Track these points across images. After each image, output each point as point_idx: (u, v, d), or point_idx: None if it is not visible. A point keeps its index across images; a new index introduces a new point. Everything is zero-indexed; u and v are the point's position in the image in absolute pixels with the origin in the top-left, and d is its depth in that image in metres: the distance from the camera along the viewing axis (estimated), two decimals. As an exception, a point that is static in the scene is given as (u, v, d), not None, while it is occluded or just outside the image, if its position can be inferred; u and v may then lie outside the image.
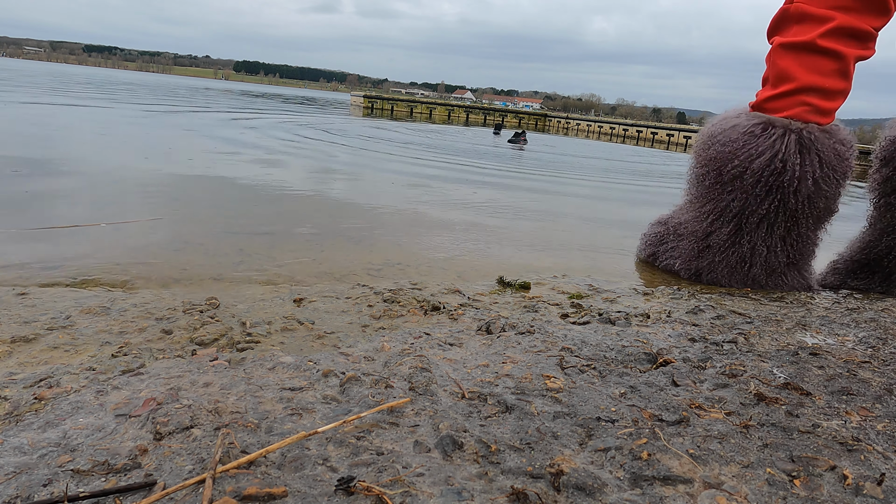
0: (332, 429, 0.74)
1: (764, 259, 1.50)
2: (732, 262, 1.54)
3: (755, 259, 1.51)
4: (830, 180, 1.46)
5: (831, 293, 1.71)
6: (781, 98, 1.50)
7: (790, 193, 1.45)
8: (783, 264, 1.51)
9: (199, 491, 0.62)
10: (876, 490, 0.68)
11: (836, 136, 1.48)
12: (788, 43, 1.49)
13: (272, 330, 1.13)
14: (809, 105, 1.47)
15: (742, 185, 1.50)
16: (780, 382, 0.98)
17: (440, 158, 5.19)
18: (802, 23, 1.47)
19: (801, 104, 1.47)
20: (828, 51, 1.44)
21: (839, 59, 1.45)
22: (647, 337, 1.19)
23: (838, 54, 1.45)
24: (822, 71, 1.46)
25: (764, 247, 1.50)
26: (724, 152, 1.50)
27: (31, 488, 0.61)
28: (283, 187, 2.81)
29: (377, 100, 20.16)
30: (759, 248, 1.50)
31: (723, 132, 1.53)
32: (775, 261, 1.50)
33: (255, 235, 1.87)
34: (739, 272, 1.53)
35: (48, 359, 0.95)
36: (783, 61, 1.49)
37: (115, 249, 1.59)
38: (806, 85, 1.46)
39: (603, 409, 0.85)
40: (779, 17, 1.54)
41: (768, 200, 1.48)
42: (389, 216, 2.39)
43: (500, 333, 1.17)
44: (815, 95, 1.47)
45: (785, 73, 1.49)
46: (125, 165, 3.07)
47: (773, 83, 1.53)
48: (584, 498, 0.64)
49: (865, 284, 1.57)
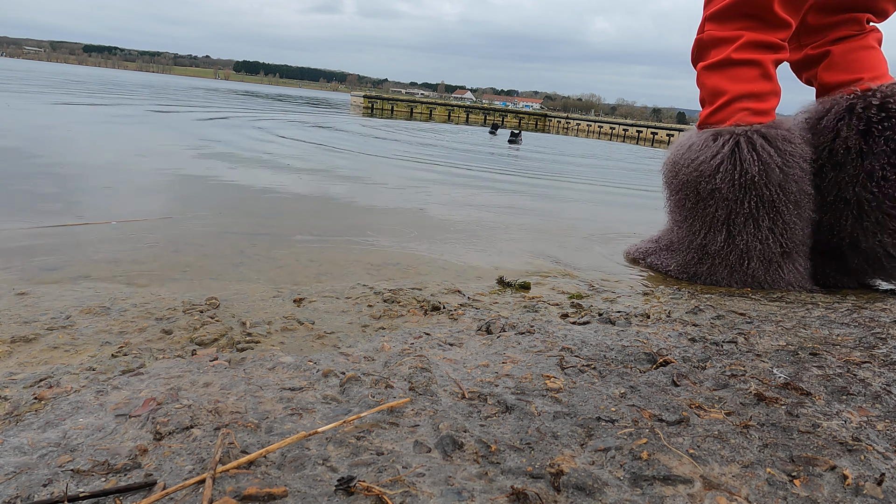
0: (332, 429, 0.74)
1: (759, 253, 1.58)
2: (732, 263, 1.61)
3: (751, 255, 1.59)
4: (791, 165, 1.57)
5: (829, 294, 1.71)
6: (720, 111, 1.66)
7: (762, 186, 1.56)
8: (778, 255, 1.59)
9: (199, 491, 0.62)
10: (876, 490, 0.68)
11: (780, 128, 1.61)
12: (710, 64, 1.67)
13: (272, 330, 1.13)
14: (746, 109, 1.63)
15: (720, 195, 1.60)
16: (780, 382, 0.98)
17: (440, 158, 5.20)
18: (718, 46, 1.66)
19: (739, 111, 1.63)
20: (744, 61, 1.62)
21: (757, 65, 1.62)
22: (647, 337, 1.19)
23: (755, 62, 1.62)
24: (745, 79, 1.63)
25: (757, 241, 1.58)
26: (692, 174, 1.64)
27: (31, 488, 0.61)
28: (287, 189, 2.82)
29: (377, 100, 20.17)
30: (753, 244, 1.58)
31: (683, 156, 1.68)
32: (770, 252, 1.58)
33: (255, 236, 1.87)
34: (739, 271, 1.61)
35: (48, 359, 0.95)
36: (710, 80, 1.67)
37: (116, 249, 1.59)
38: (737, 94, 1.63)
39: (603, 409, 0.85)
40: (696, 47, 1.74)
41: (746, 199, 1.56)
42: (389, 216, 2.39)
43: (500, 333, 1.17)
44: (747, 100, 1.63)
45: (716, 89, 1.67)
46: (138, 167, 3.08)
47: (709, 101, 1.70)
48: (584, 498, 0.64)
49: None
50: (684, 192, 1.67)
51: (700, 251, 1.66)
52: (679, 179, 1.68)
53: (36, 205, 2.00)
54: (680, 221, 1.72)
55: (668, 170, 1.74)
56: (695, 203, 1.65)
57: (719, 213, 1.60)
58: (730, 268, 1.61)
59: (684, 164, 1.66)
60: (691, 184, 1.64)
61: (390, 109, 19.82)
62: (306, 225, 2.09)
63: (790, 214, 1.58)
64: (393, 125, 10.93)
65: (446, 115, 20.45)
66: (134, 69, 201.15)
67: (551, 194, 3.71)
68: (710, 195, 1.61)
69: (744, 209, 1.57)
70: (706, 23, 1.68)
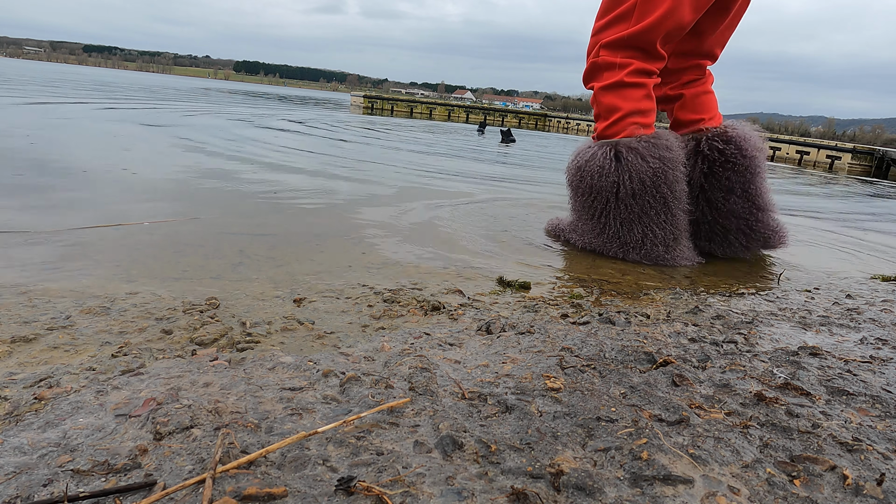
0: (332, 429, 0.74)
1: (652, 238, 1.97)
2: (630, 244, 1.99)
3: (646, 240, 1.97)
4: (672, 168, 1.96)
5: (827, 294, 1.71)
6: (615, 125, 2.01)
7: (659, 185, 1.93)
8: (671, 238, 1.99)
9: (199, 491, 0.62)
10: (876, 490, 0.68)
11: (662, 139, 1.98)
12: (605, 85, 2.03)
13: (272, 330, 1.13)
14: (636, 123, 2.00)
15: (612, 194, 1.97)
16: (780, 382, 0.98)
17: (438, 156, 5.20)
18: (611, 70, 2.02)
19: (630, 124, 1.99)
20: (634, 83, 2.00)
21: (643, 87, 2.01)
22: (647, 337, 1.19)
23: (642, 84, 2.01)
24: (635, 98, 2.00)
25: (652, 229, 1.97)
26: (592, 178, 2.01)
27: (31, 488, 0.61)
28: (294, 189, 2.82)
29: (377, 100, 20.16)
30: (648, 232, 1.97)
31: (581, 165, 2.05)
32: (664, 236, 1.98)
33: (255, 236, 1.87)
34: (638, 250, 1.99)
35: (48, 359, 0.95)
36: (606, 99, 2.03)
37: (116, 250, 1.59)
38: (629, 111, 1.99)
39: (603, 409, 0.85)
40: (590, 68, 2.09)
41: (646, 195, 1.93)
42: (388, 216, 2.39)
43: (500, 333, 1.17)
44: (637, 116, 2.00)
45: (611, 107, 2.02)
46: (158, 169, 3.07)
47: (604, 117, 2.05)
48: (584, 498, 0.64)
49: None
50: (590, 193, 2.02)
51: (598, 235, 2.05)
52: (585, 183, 2.03)
53: (66, 204, 2.00)
54: (580, 211, 2.10)
55: (573, 174, 2.09)
56: (595, 201, 2.02)
57: (616, 207, 1.98)
58: (627, 248, 2.00)
59: (586, 168, 2.01)
60: (594, 187, 2.00)
61: (390, 109, 19.81)
62: (306, 225, 2.09)
63: (676, 207, 1.98)
64: (394, 122, 10.94)
65: (446, 114, 20.45)
66: (134, 69, 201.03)
67: (549, 190, 3.72)
68: (606, 194, 1.98)
69: (633, 205, 1.95)
70: (601, 49, 2.04)
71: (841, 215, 3.94)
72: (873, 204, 5.16)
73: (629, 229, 1.97)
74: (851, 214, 4.08)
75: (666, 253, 1.98)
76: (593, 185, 2.00)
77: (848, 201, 5.14)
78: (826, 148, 13.07)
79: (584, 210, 2.07)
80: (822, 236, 2.92)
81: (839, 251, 2.56)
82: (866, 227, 3.44)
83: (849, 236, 3.02)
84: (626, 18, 1.97)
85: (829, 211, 4.13)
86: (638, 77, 2.00)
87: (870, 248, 2.72)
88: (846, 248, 2.67)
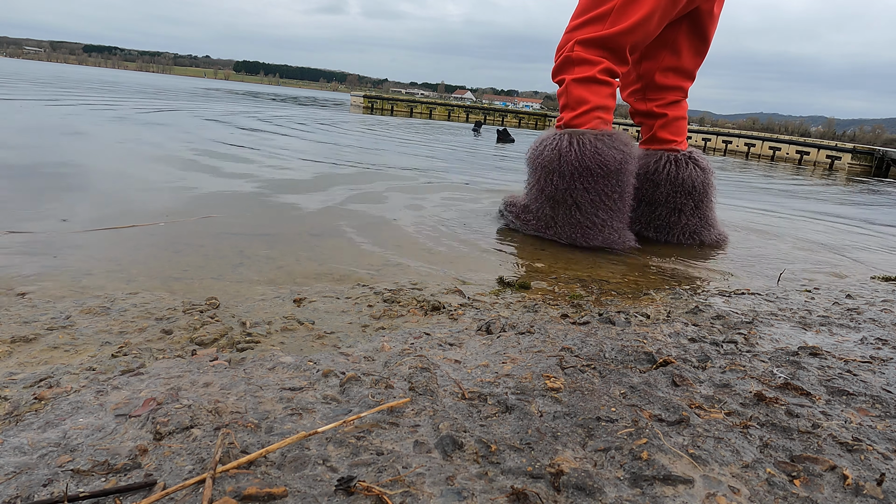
0: (332, 429, 0.74)
1: (610, 224, 2.12)
2: (574, 224, 2.12)
3: (605, 225, 2.12)
4: (629, 162, 2.11)
5: (827, 294, 1.71)
6: (582, 116, 2.13)
7: (620, 173, 2.09)
8: (605, 221, 2.12)
9: (199, 491, 0.62)
10: (876, 490, 0.68)
11: (623, 135, 2.14)
12: (578, 78, 2.14)
13: (272, 330, 1.13)
14: (600, 118, 2.14)
15: (576, 180, 2.09)
16: (780, 382, 0.98)
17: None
18: (583, 65, 2.14)
19: (595, 118, 2.13)
20: (603, 81, 2.14)
21: (610, 86, 2.17)
22: (646, 337, 1.19)
23: (609, 83, 2.16)
24: (603, 95, 2.14)
25: (609, 214, 2.12)
26: (547, 164, 2.12)
27: (31, 488, 0.61)
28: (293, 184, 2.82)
29: (377, 100, 20.15)
30: (607, 217, 2.12)
31: (540, 151, 2.16)
32: (599, 219, 2.12)
33: (255, 236, 1.87)
34: (579, 231, 2.12)
35: (48, 359, 0.95)
36: (577, 91, 2.15)
37: (116, 250, 1.59)
38: (596, 105, 2.13)
39: (603, 409, 0.85)
40: (562, 61, 2.20)
41: (608, 183, 2.07)
42: (387, 217, 2.39)
43: (500, 333, 1.17)
44: (601, 111, 2.15)
45: (581, 99, 2.14)
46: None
47: (572, 107, 2.16)
48: (584, 498, 0.64)
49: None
50: (548, 176, 2.13)
51: (553, 219, 2.17)
52: (542, 168, 2.14)
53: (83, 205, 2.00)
54: (537, 193, 2.20)
55: (533, 159, 2.19)
56: (549, 181, 2.13)
57: (568, 191, 2.11)
58: (571, 228, 2.12)
59: (545, 154, 2.12)
60: (548, 169, 2.11)
61: (390, 109, 19.80)
62: (305, 225, 2.09)
63: (628, 196, 2.15)
64: (394, 121, 10.93)
65: (446, 114, 20.44)
66: (134, 69, 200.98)
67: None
68: (560, 176, 2.10)
69: (604, 190, 2.08)
70: (576, 45, 2.16)
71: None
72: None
73: (591, 214, 2.10)
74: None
75: (619, 238, 2.14)
76: (560, 170, 2.09)
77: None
78: (826, 148, 13.07)
79: (543, 194, 2.18)
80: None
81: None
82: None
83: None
84: (602, 20, 2.12)
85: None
86: (607, 76, 2.14)
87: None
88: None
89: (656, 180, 2.43)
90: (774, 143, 14.40)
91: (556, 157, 2.10)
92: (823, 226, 3.30)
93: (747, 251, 2.35)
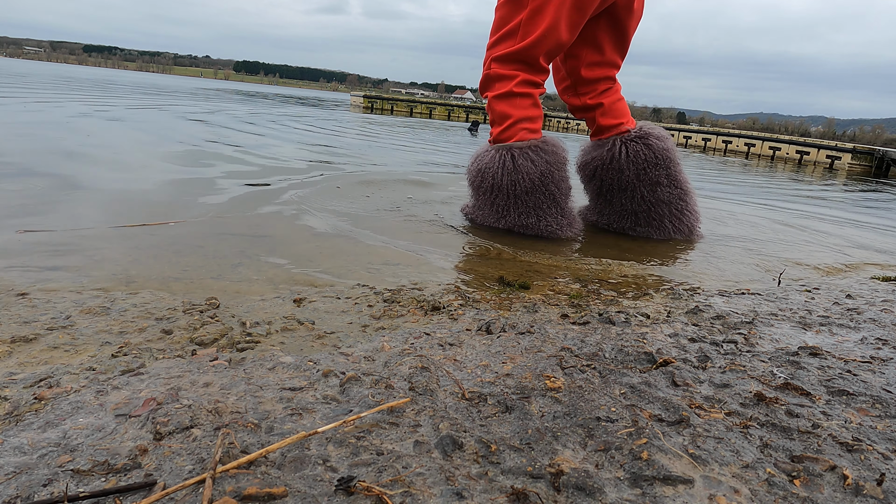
0: (333, 429, 0.74)
1: (546, 222, 2.26)
2: (527, 227, 2.26)
3: (540, 223, 2.25)
4: (559, 167, 2.25)
5: (827, 294, 1.71)
6: (507, 130, 2.25)
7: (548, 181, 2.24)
8: (563, 220, 2.29)
9: (199, 491, 0.62)
10: (876, 490, 0.68)
11: (549, 143, 2.27)
12: (497, 94, 2.26)
13: (272, 330, 1.13)
14: (525, 129, 2.25)
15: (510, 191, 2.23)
16: (780, 382, 0.98)
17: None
18: (501, 81, 2.26)
19: (521, 130, 2.24)
20: (522, 93, 2.25)
21: (530, 97, 2.27)
22: (646, 337, 1.19)
23: (529, 94, 2.26)
24: (523, 106, 2.25)
25: (544, 217, 2.26)
26: (493, 179, 2.25)
27: (31, 488, 0.61)
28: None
29: (377, 100, 20.15)
30: (541, 220, 2.25)
31: (481, 167, 2.29)
32: (556, 220, 2.27)
33: (255, 237, 1.87)
34: (534, 230, 2.26)
35: (48, 359, 0.95)
36: (499, 107, 2.27)
37: (116, 250, 1.59)
38: (519, 117, 2.24)
39: (603, 409, 0.85)
40: (484, 80, 2.33)
41: (515, 187, 2.21)
42: (387, 217, 2.39)
43: (501, 333, 1.17)
44: (526, 122, 2.25)
45: (504, 114, 2.26)
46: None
47: (498, 123, 2.28)
48: (584, 498, 0.64)
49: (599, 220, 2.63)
50: (492, 189, 2.26)
51: (497, 221, 2.31)
52: (485, 183, 2.27)
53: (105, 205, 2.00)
54: (492, 206, 2.32)
55: (475, 176, 2.32)
56: (496, 194, 2.26)
57: (505, 202, 2.25)
58: (524, 229, 2.26)
59: (486, 169, 2.26)
60: (495, 185, 2.24)
61: (390, 109, 19.80)
62: (305, 225, 2.09)
63: (563, 199, 2.28)
64: (392, 120, 10.92)
65: (446, 114, 20.44)
66: (134, 69, 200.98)
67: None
68: (501, 190, 2.24)
69: (534, 199, 2.22)
70: (492, 63, 2.27)
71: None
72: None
73: (525, 218, 2.26)
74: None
75: (558, 229, 2.28)
76: (494, 184, 2.25)
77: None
78: (826, 148, 13.07)
79: (486, 204, 2.34)
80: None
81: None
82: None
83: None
84: (513, 35, 2.22)
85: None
86: (525, 87, 2.25)
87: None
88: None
89: (619, 166, 2.45)
90: (774, 143, 14.40)
91: (490, 173, 2.24)
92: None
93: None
